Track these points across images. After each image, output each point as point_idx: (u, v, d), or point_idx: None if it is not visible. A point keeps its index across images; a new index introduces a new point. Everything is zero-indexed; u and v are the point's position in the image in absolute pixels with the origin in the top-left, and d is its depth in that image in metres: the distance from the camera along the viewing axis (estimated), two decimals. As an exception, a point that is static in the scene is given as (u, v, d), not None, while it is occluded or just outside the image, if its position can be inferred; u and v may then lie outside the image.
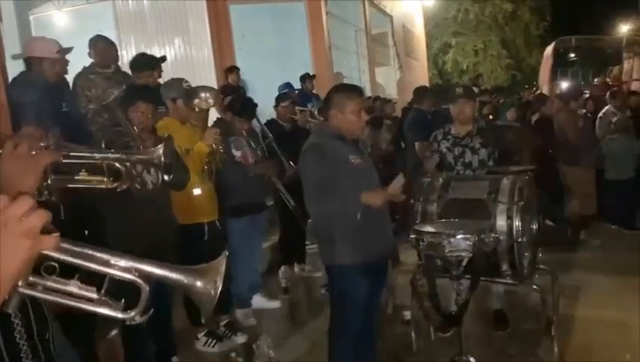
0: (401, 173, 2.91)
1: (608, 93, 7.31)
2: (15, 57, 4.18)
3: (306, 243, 5.43)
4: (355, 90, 3.03)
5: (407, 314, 4.01)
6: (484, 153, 3.85)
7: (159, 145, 1.51)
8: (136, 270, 0.93)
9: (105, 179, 1.65)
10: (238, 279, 4.26)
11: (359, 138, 3.11)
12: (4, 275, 0.79)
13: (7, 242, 0.77)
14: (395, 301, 4.40)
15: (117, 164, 1.62)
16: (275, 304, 4.64)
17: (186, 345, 3.76)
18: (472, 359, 3.02)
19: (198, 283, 0.92)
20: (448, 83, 21.15)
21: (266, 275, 5.16)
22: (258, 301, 4.53)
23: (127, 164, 1.60)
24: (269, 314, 4.54)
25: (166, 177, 1.55)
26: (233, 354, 3.16)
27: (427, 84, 15.03)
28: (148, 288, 0.93)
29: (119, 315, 0.96)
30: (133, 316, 0.95)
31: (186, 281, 0.92)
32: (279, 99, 5.44)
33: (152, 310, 0.99)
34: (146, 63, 4.44)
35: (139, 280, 0.93)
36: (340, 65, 10.96)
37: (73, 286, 0.95)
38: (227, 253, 0.97)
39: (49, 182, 1.63)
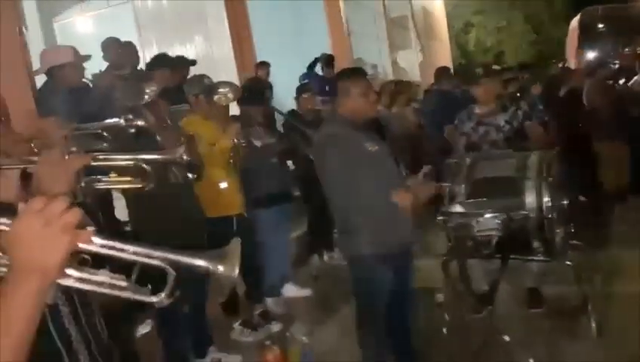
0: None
1: (639, 62, 7.10)
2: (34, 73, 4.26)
3: (334, 231, 5.44)
4: (357, 73, 3.00)
5: (440, 297, 4.00)
6: (509, 130, 3.80)
7: (181, 145, 1.55)
8: (163, 258, 0.99)
9: (133, 180, 1.73)
10: (270, 269, 4.31)
11: (381, 122, 3.09)
12: (52, 267, 0.90)
13: (50, 237, 0.88)
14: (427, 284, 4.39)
15: (143, 165, 1.69)
16: (307, 292, 4.68)
17: (222, 336, 3.83)
18: (506, 338, 3.00)
19: (221, 268, 0.98)
20: (472, 62, 20.79)
21: (295, 265, 5.22)
22: (289, 289, 4.58)
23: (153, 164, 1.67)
24: (300, 302, 4.59)
25: (190, 175, 1.60)
26: (268, 342, 3.20)
27: (450, 65, 14.84)
28: (174, 273, 0.99)
29: (149, 299, 1.03)
30: (162, 299, 1.02)
31: (210, 267, 0.98)
32: (300, 90, 5.43)
33: (179, 295, 1.05)
34: (164, 62, 4.49)
35: (165, 266, 1.00)
36: (360, 51, 10.89)
37: (104, 276, 1.02)
38: (240, 240, 1.03)
39: (82, 185, 1.72)
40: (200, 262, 0.98)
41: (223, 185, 3.61)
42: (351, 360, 3.51)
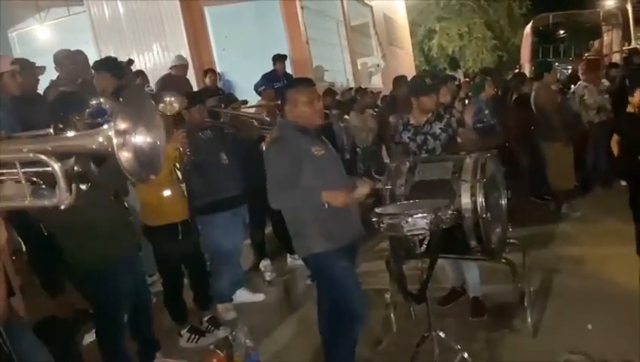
0: (365, 179, 3.01)
1: (579, 67, 7.38)
2: None
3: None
4: (304, 83, 3.11)
5: (388, 298, 4.10)
6: (445, 138, 3.92)
7: (71, 157, 1.62)
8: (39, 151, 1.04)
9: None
10: (221, 274, 4.34)
11: (324, 129, 3.18)
12: None
13: None
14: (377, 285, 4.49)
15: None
16: (259, 297, 4.72)
17: (170, 343, 3.85)
18: (441, 334, 3.10)
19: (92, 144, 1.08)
20: (435, 69, 21.21)
21: (250, 270, 5.27)
22: (241, 295, 4.61)
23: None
24: (254, 307, 4.61)
25: (83, 186, 1.65)
26: (212, 346, 3.25)
27: (414, 72, 15.11)
28: (58, 165, 1.04)
29: (52, 201, 1.08)
30: (62, 198, 1.07)
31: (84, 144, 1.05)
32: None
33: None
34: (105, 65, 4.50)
35: (42, 157, 1.06)
36: (323, 59, 11.02)
37: (12, 189, 1.08)
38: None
39: None
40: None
41: (167, 193, 3.65)
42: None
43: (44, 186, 1.20)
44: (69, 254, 2.95)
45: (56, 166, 1.11)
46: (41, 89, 4.63)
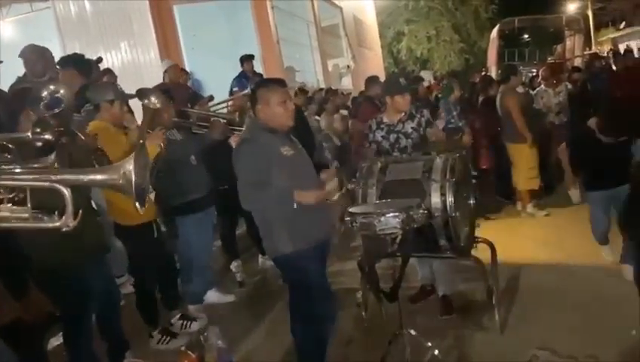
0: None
1: (540, 73, 7.58)
2: None
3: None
4: (277, 83, 3.11)
5: (359, 297, 4.13)
6: (417, 137, 3.99)
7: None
8: (54, 181, 1.03)
9: None
10: (191, 275, 4.30)
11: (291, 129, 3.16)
12: None
13: None
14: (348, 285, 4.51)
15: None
16: (230, 298, 4.69)
17: (140, 344, 3.80)
18: (412, 332, 3.14)
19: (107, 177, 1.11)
20: (404, 71, 21.42)
21: (221, 271, 5.24)
22: (212, 296, 4.57)
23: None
24: (225, 308, 4.58)
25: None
26: (183, 348, 3.21)
27: (383, 74, 15.26)
28: (68, 191, 1.03)
29: (55, 224, 1.07)
30: (67, 221, 1.05)
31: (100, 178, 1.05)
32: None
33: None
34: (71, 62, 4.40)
35: (56, 185, 1.04)
36: (293, 59, 11.03)
37: (6, 211, 1.06)
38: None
39: None
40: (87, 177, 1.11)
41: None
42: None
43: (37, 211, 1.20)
44: (34, 254, 2.88)
45: (66, 192, 1.12)
46: (5, 86, 4.52)
